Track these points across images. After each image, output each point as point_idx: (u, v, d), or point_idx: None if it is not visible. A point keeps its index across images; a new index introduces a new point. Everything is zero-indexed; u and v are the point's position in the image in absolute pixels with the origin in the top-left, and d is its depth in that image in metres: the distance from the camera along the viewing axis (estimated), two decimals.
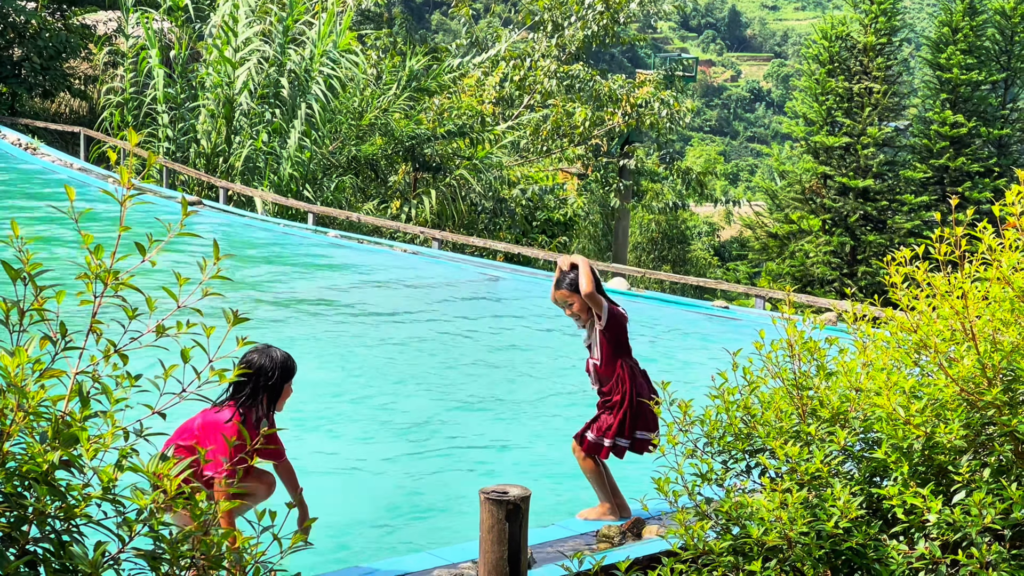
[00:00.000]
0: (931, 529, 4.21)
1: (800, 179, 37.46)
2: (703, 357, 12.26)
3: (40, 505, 3.10)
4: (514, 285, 16.49)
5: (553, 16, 34.72)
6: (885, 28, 36.52)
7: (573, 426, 10.19)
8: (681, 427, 4.86)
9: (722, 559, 4.42)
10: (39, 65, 29.95)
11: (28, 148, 24.81)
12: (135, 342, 3.46)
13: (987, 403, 4.34)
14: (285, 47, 26.22)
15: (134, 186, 3.49)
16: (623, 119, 33.46)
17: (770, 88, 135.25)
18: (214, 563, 3.33)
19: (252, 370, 5.42)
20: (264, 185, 24.86)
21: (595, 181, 36.30)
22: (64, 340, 3.32)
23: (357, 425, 9.57)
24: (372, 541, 7.13)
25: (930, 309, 4.61)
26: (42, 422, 3.20)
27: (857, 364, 4.76)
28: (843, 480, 4.46)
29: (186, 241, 4.05)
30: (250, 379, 5.42)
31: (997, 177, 35.80)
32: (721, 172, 73.02)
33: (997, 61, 37.26)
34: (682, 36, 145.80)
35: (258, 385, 5.47)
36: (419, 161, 27.52)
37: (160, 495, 3.26)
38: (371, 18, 36.20)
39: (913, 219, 35.32)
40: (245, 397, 5.44)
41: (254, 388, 5.47)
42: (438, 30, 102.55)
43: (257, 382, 5.46)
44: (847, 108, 36.56)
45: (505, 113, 33.86)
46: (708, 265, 46.00)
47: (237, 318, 3.56)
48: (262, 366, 5.49)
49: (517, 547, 4.56)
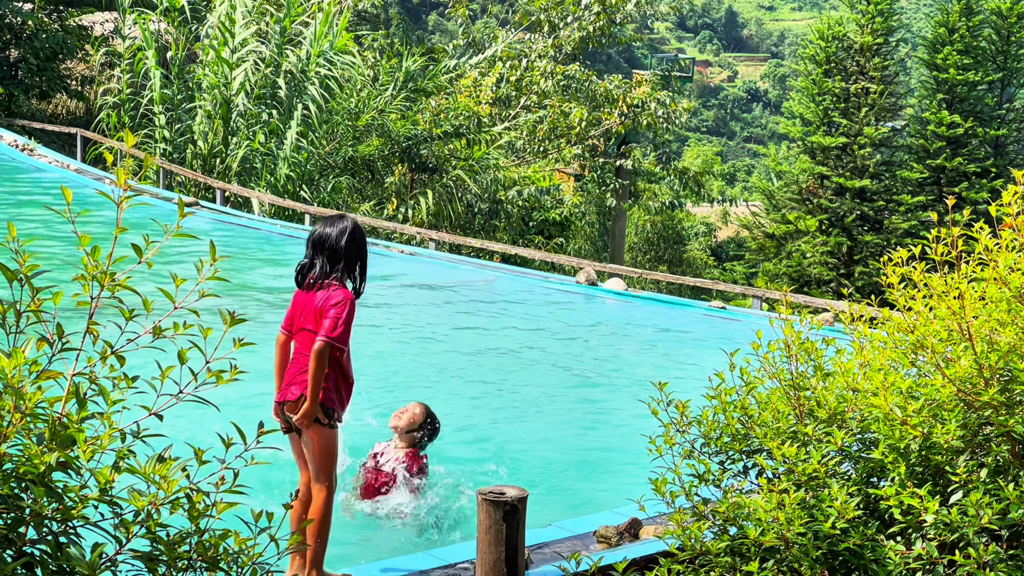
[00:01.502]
0: (928, 529, 4.21)
1: (797, 179, 37.47)
2: (700, 358, 12.27)
3: (37, 507, 3.09)
4: (510, 286, 16.50)
5: (550, 17, 34.73)
6: (882, 28, 36.53)
7: (571, 426, 10.18)
8: (678, 428, 4.86)
9: (719, 560, 4.42)
10: (36, 66, 29.93)
11: (25, 149, 24.79)
12: (132, 343, 3.46)
13: (984, 403, 4.35)
14: (282, 48, 26.21)
15: (131, 187, 3.48)
16: (619, 120, 33.47)
17: (767, 88, 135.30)
18: (211, 564, 3.32)
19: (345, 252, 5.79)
20: (261, 186, 24.85)
21: (591, 181, 36.31)
22: (61, 341, 3.32)
23: (354, 424, 9.56)
24: (370, 541, 7.13)
25: (927, 309, 4.61)
26: (39, 424, 3.19)
27: (854, 364, 4.77)
28: (840, 480, 4.47)
29: (183, 242, 4.04)
30: (352, 258, 5.78)
31: (994, 177, 35.82)
32: (718, 172, 73.07)
33: (993, 61, 37.28)
34: (679, 36, 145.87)
35: (354, 263, 5.84)
36: (415, 162, 27.51)
37: (157, 496, 3.26)
38: (368, 19, 36.19)
39: (910, 219, 35.33)
40: (353, 277, 5.83)
41: (361, 267, 5.87)
42: (435, 31, 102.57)
43: (353, 260, 5.82)
44: (844, 108, 36.58)
45: (502, 114, 33.85)
46: (705, 265, 46.01)
47: (234, 319, 3.55)
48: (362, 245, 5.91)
49: (514, 548, 4.56)
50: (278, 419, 5.84)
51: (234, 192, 23.34)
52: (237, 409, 5.40)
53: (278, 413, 5.82)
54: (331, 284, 5.74)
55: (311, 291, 5.78)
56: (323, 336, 5.60)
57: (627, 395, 10.80)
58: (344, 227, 5.83)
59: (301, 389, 5.67)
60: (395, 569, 5.78)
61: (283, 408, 5.76)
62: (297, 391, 5.70)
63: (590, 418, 10.37)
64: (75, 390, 3.29)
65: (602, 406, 10.73)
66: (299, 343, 5.81)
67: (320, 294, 5.74)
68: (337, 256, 5.78)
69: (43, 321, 3.33)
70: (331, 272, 5.77)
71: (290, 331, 5.85)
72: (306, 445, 5.72)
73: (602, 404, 10.81)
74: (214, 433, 3.58)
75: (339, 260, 5.78)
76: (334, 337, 5.60)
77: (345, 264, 5.80)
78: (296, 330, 5.82)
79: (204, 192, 24.84)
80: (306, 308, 5.77)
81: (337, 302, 5.67)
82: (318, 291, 5.75)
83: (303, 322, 5.77)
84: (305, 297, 5.81)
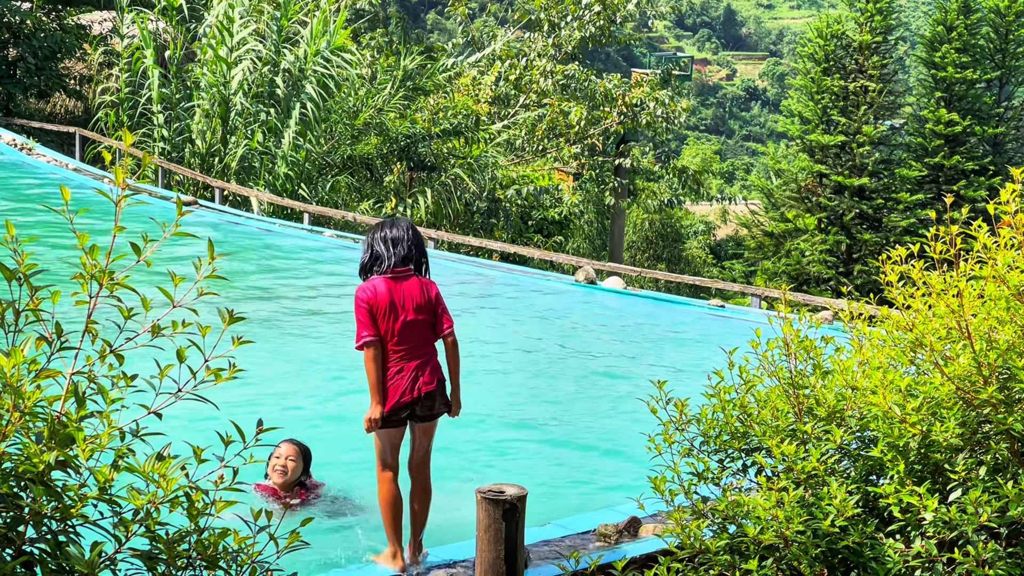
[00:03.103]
0: (927, 527, 4.21)
1: (796, 178, 37.47)
2: (699, 356, 12.26)
3: (36, 506, 3.09)
4: (509, 284, 16.49)
5: (549, 16, 34.72)
6: (880, 27, 36.53)
7: (569, 423, 10.17)
8: (677, 426, 4.86)
9: (718, 558, 4.42)
10: (34, 65, 29.90)
11: (24, 148, 24.78)
12: (131, 342, 3.45)
13: (983, 401, 4.35)
14: (280, 46, 26.20)
15: (129, 186, 3.48)
16: (618, 119, 33.46)
17: (766, 87, 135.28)
18: (211, 563, 3.32)
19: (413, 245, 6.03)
20: (259, 185, 24.84)
21: (590, 180, 36.30)
22: (60, 340, 3.32)
23: (351, 422, 9.55)
24: (369, 540, 7.13)
25: (926, 308, 4.61)
26: (38, 422, 3.19)
27: (853, 363, 4.77)
28: (839, 479, 4.47)
29: (182, 241, 4.04)
30: (423, 253, 6.06)
31: (992, 175, 35.83)
32: (717, 171, 73.08)
33: (992, 59, 37.28)
34: (677, 35, 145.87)
35: (424, 256, 6.14)
36: (414, 160, 27.50)
37: (156, 495, 3.26)
38: (366, 17, 36.17)
39: (908, 217, 35.34)
40: (424, 269, 6.09)
41: (426, 261, 6.13)
42: (433, 29, 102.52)
43: (424, 254, 6.11)
44: (842, 107, 36.58)
45: (501, 113, 33.85)
46: (704, 264, 46.00)
47: (232, 317, 3.55)
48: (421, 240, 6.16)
49: (513, 546, 4.56)
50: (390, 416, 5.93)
51: (233, 191, 23.33)
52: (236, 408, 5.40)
53: (401, 409, 5.89)
54: (413, 275, 6.01)
55: (397, 284, 5.94)
56: (451, 327, 5.98)
57: (626, 393, 10.80)
58: (411, 223, 6.12)
59: (437, 376, 5.92)
60: (394, 567, 5.78)
61: (420, 400, 5.88)
62: (432, 379, 5.90)
63: (589, 416, 10.36)
64: (74, 389, 3.29)
65: (601, 404, 10.73)
66: (410, 335, 5.91)
67: (414, 286, 5.96)
68: (415, 249, 6.04)
69: (42, 320, 3.33)
70: (420, 264, 6.07)
71: (379, 335, 5.88)
72: (426, 432, 6.02)
73: (601, 402, 10.80)
74: (213, 431, 3.58)
75: (422, 253, 6.09)
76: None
77: (420, 257, 6.09)
78: (399, 325, 5.89)
79: (203, 191, 24.82)
80: (405, 301, 5.91)
81: (439, 292, 6.03)
82: (403, 283, 5.95)
83: (409, 314, 5.90)
84: (398, 291, 5.92)
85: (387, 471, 5.99)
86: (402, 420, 5.92)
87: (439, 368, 5.96)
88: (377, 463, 6.00)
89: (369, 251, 6.03)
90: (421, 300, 5.92)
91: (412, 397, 5.84)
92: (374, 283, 5.92)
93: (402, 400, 5.83)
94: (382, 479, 5.99)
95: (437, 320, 5.95)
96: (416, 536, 6.03)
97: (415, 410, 5.89)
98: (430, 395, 5.88)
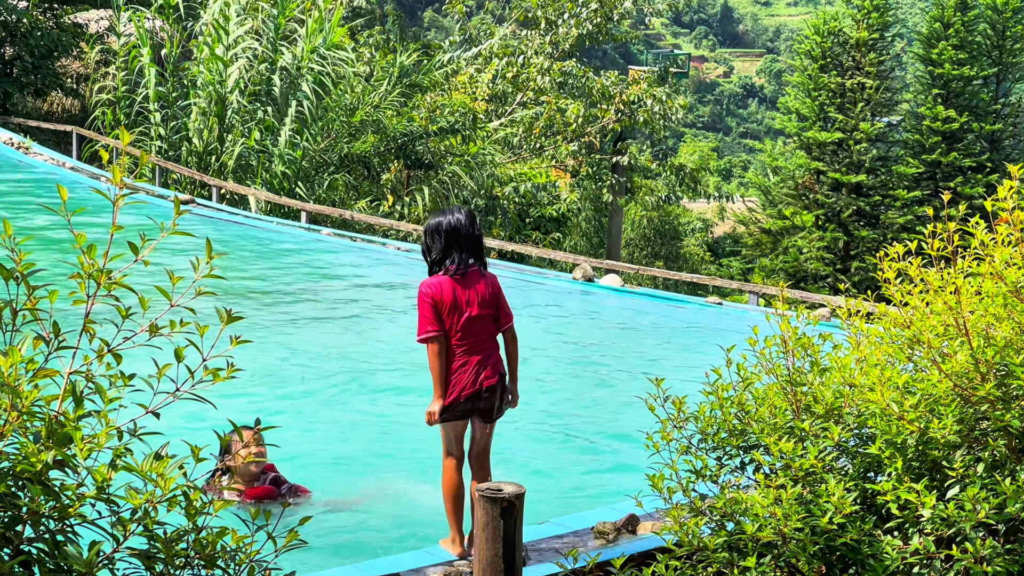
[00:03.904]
0: (925, 524, 4.22)
1: (793, 175, 37.48)
2: (697, 353, 12.27)
3: (34, 505, 3.09)
4: (507, 282, 16.48)
5: (547, 13, 34.70)
6: (877, 23, 36.54)
7: (567, 421, 10.17)
8: (675, 424, 4.86)
9: (717, 555, 4.42)
10: (31, 64, 29.87)
11: (20, 147, 24.76)
12: (128, 341, 3.45)
13: (980, 398, 4.35)
14: (276, 44, 26.18)
15: (126, 185, 3.48)
16: (616, 116, 33.46)
17: (763, 84, 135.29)
18: (209, 562, 3.32)
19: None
20: (257, 183, 24.83)
21: (588, 178, 36.30)
22: (57, 340, 3.31)
23: (350, 421, 9.56)
24: (367, 538, 7.13)
25: (923, 304, 4.61)
26: (36, 422, 3.19)
27: (851, 360, 4.77)
28: (837, 476, 4.47)
29: (179, 240, 4.04)
30: (482, 245, 6.09)
31: (989, 172, 35.84)
32: (714, 168, 73.05)
33: (989, 56, 37.29)
34: (674, 32, 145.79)
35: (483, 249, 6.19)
36: (411, 158, 27.49)
37: (154, 494, 3.25)
38: (363, 15, 36.14)
39: (906, 214, 35.35)
40: (483, 261, 6.14)
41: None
42: (431, 27, 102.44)
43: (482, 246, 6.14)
44: (840, 104, 36.58)
45: (498, 110, 33.83)
46: (701, 261, 46.02)
47: (230, 317, 3.55)
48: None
49: (512, 544, 4.55)
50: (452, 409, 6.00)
51: (230, 189, 23.32)
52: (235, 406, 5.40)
53: (463, 403, 5.95)
54: (476, 270, 6.06)
55: (464, 280, 5.99)
56: (511, 321, 6.08)
57: (624, 391, 10.81)
58: (471, 213, 6.15)
59: (498, 371, 6.00)
60: (393, 566, 5.79)
61: (481, 394, 5.95)
62: (494, 373, 5.97)
63: (587, 414, 10.37)
64: (72, 388, 3.29)
65: (599, 402, 10.73)
66: (473, 330, 5.96)
67: (479, 281, 6.02)
68: (476, 243, 6.08)
69: (39, 319, 3.32)
70: (480, 259, 6.10)
71: (442, 330, 5.93)
72: (487, 427, 6.10)
73: (599, 400, 10.81)
74: (211, 430, 3.58)
75: (480, 247, 6.12)
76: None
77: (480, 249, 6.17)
78: (463, 321, 5.94)
79: (200, 189, 24.81)
80: (471, 297, 5.97)
81: (500, 286, 6.12)
82: (469, 280, 6.00)
83: (474, 309, 5.95)
84: (463, 288, 5.98)
85: (451, 459, 6.09)
86: (464, 413, 6.00)
87: (500, 362, 6.05)
88: (443, 452, 6.11)
89: (441, 245, 6.04)
90: (487, 295, 6.01)
91: (474, 390, 5.93)
92: (440, 280, 5.97)
93: (464, 393, 5.93)
94: (446, 467, 6.08)
95: (499, 314, 6.05)
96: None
97: (478, 404, 5.97)
98: (491, 389, 5.96)
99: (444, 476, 6.10)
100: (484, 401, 5.97)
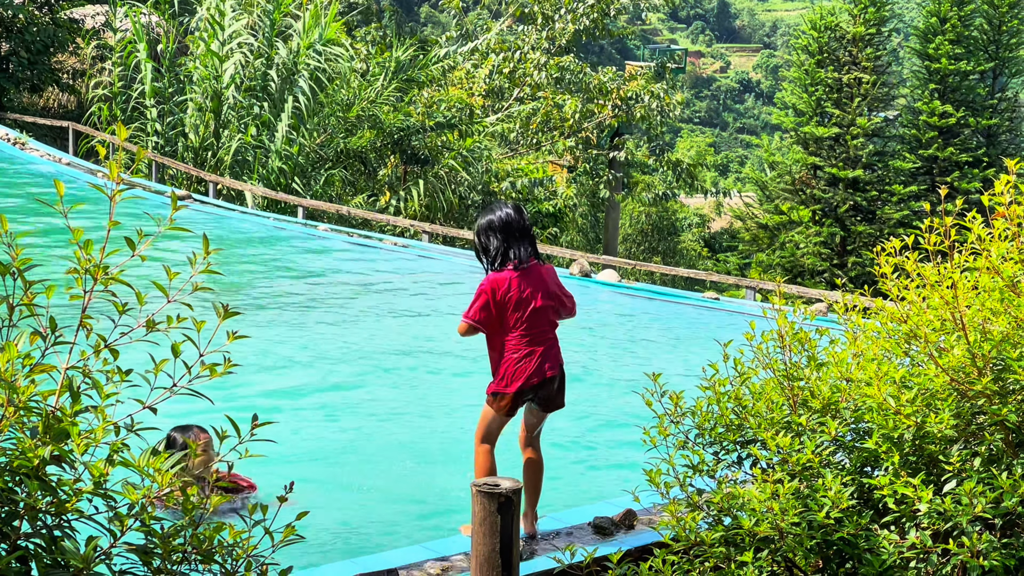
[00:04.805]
0: (922, 519, 4.22)
1: (790, 170, 37.49)
2: (694, 348, 12.28)
3: (31, 500, 3.09)
4: None
5: (543, 9, 34.68)
6: (874, 18, 36.53)
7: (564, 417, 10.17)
8: (672, 418, 4.87)
9: (714, 550, 4.42)
10: (27, 60, 29.81)
11: (17, 143, 24.73)
12: (125, 337, 3.45)
13: (977, 393, 4.35)
14: (272, 40, 26.15)
15: (123, 180, 3.47)
16: (613, 112, 33.45)
17: (759, 79, 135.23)
18: (206, 557, 3.32)
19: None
20: (253, 179, 24.81)
21: (585, 173, 36.31)
22: (54, 335, 3.31)
23: (349, 418, 9.56)
24: (365, 533, 7.13)
25: (920, 299, 4.62)
26: (32, 417, 3.19)
27: (848, 355, 4.77)
28: (834, 470, 4.47)
29: (176, 236, 4.03)
30: (534, 237, 6.13)
31: (986, 167, 35.85)
32: (711, 163, 73.05)
33: (985, 51, 37.29)
34: (671, 27, 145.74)
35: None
36: (408, 153, 27.47)
37: (151, 490, 3.25)
38: (359, 10, 36.09)
39: (902, 209, 35.37)
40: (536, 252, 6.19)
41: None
42: (427, 23, 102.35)
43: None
44: (836, 99, 36.59)
45: (495, 106, 33.81)
46: (698, 256, 46.04)
47: (227, 312, 3.55)
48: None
49: (509, 539, 4.55)
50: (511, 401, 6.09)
51: (226, 185, 23.30)
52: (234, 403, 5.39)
53: (527, 392, 6.04)
54: (536, 263, 6.12)
55: (526, 275, 6.04)
56: (574, 304, 6.20)
57: (621, 386, 10.81)
58: (519, 207, 6.20)
59: (559, 363, 6.10)
60: (390, 561, 5.79)
61: (544, 384, 6.03)
62: (556, 365, 6.07)
63: (583, 409, 10.37)
64: (68, 384, 3.28)
65: (596, 397, 10.73)
66: (538, 320, 6.04)
67: (539, 274, 6.09)
68: (530, 234, 6.14)
69: (36, 315, 3.32)
70: (535, 249, 6.16)
71: (486, 325, 6.04)
72: (541, 416, 6.19)
73: (596, 395, 10.80)
74: (209, 425, 3.58)
75: (533, 237, 6.17)
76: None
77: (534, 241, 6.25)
78: (528, 313, 6.00)
79: (196, 185, 24.79)
80: (535, 287, 6.03)
81: (557, 275, 6.19)
82: (531, 274, 6.06)
83: (538, 301, 6.02)
84: (526, 283, 6.03)
85: (486, 445, 6.19)
86: (522, 403, 6.09)
87: (560, 355, 6.13)
88: (477, 436, 6.19)
89: (499, 240, 6.06)
90: (550, 287, 6.10)
91: (538, 380, 6.01)
92: (505, 276, 6.01)
93: (530, 383, 6.01)
94: (480, 451, 6.17)
95: (561, 304, 6.15)
96: (532, 507, 6.20)
97: (540, 393, 6.06)
98: (552, 380, 6.05)
99: (479, 461, 6.17)
100: (545, 391, 6.06)
